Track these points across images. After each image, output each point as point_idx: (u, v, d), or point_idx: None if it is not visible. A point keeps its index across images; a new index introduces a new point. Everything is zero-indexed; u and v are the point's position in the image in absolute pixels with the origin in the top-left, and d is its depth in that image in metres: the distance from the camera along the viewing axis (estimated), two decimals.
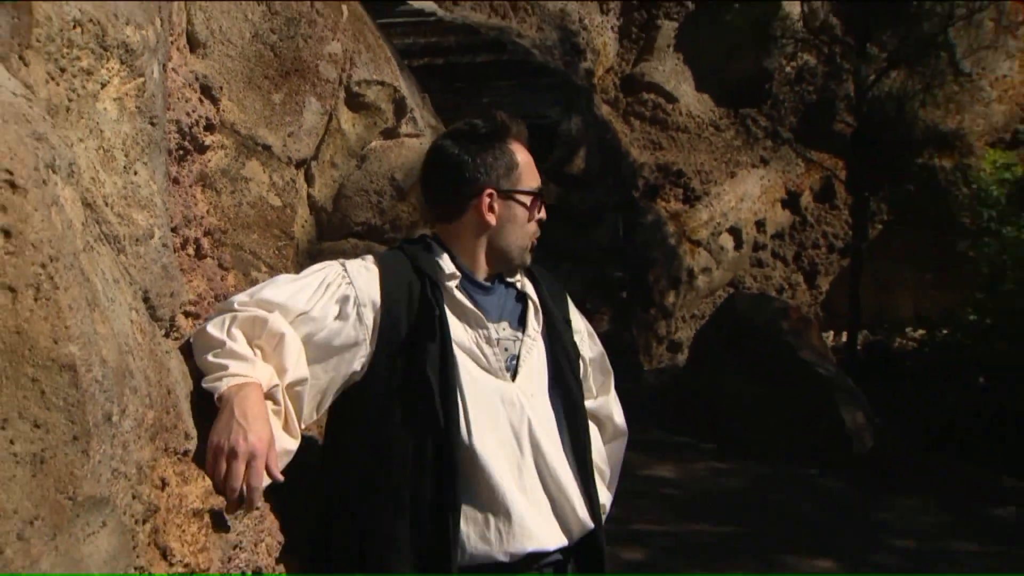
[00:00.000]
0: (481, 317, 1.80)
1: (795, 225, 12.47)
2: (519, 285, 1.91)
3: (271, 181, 2.53)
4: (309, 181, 2.78)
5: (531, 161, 1.90)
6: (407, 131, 3.00)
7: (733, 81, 12.01)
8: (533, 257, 1.93)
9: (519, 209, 1.87)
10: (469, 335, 1.78)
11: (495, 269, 1.88)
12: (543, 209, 1.91)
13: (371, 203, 2.88)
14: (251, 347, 1.61)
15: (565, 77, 10.51)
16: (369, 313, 1.71)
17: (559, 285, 2.02)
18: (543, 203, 1.92)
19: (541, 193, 1.91)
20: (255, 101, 2.49)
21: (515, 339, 1.83)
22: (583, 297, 8.72)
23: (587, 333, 2.05)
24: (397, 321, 1.72)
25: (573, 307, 2.04)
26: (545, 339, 1.88)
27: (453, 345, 1.73)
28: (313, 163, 2.76)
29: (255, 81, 2.49)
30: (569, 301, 2.03)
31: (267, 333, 1.62)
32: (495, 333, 1.80)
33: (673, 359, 11.06)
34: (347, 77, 2.81)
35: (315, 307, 1.69)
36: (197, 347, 1.64)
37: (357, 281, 1.73)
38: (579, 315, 2.06)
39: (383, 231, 2.89)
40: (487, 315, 1.81)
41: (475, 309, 1.80)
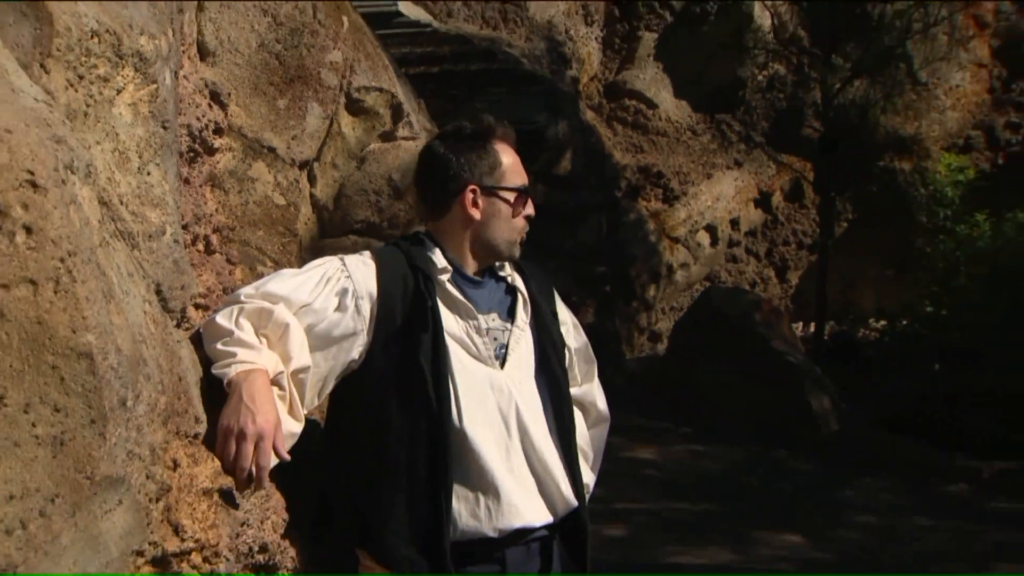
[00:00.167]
0: (471, 308, 1.80)
1: (767, 223, 12.48)
2: (509, 279, 1.91)
3: (276, 181, 2.53)
4: (312, 181, 2.77)
5: (517, 161, 1.89)
6: (404, 134, 3.00)
7: (709, 89, 12.02)
8: (523, 252, 1.92)
9: (503, 205, 1.86)
10: (460, 325, 1.78)
11: (483, 262, 1.87)
12: (530, 205, 1.90)
13: (370, 202, 2.88)
14: (257, 336, 1.61)
15: (552, 84, 10.49)
16: (366, 305, 1.71)
17: (548, 280, 2.01)
18: (530, 200, 1.90)
19: (526, 190, 1.90)
20: (261, 106, 2.49)
21: (504, 329, 1.83)
22: (569, 291, 8.73)
23: (572, 324, 2.05)
24: (393, 312, 1.72)
25: (560, 300, 2.04)
26: (533, 329, 1.88)
27: (445, 335, 1.73)
28: (315, 164, 2.76)
29: (261, 88, 2.49)
30: (556, 294, 2.03)
31: (272, 323, 1.62)
32: (485, 323, 1.80)
33: (653, 349, 11.07)
34: (347, 84, 2.80)
35: (316, 299, 1.68)
36: (206, 336, 1.64)
37: (355, 275, 1.73)
38: (565, 307, 2.05)
39: (381, 228, 2.89)
40: (477, 306, 1.81)
41: (465, 301, 1.80)
